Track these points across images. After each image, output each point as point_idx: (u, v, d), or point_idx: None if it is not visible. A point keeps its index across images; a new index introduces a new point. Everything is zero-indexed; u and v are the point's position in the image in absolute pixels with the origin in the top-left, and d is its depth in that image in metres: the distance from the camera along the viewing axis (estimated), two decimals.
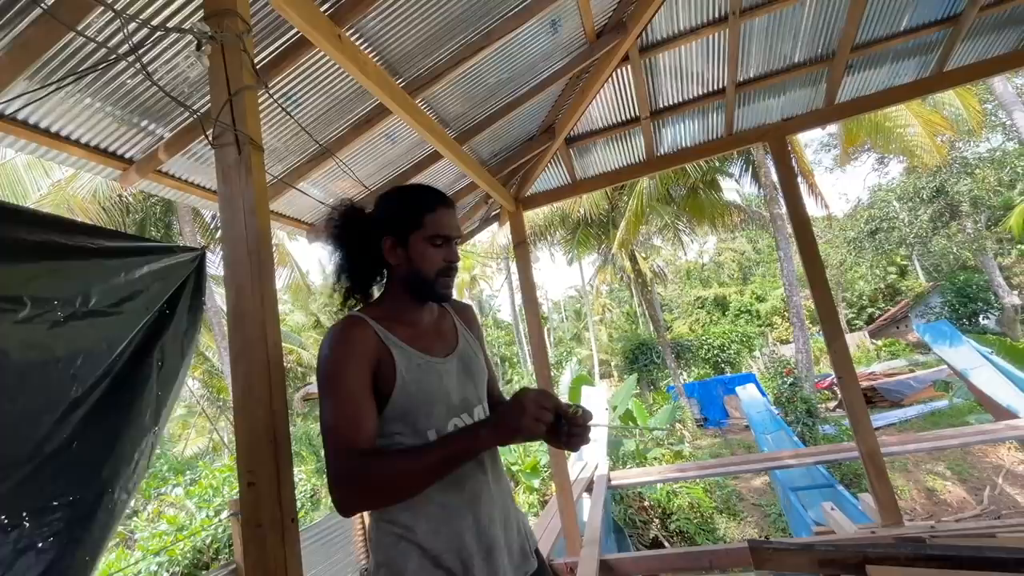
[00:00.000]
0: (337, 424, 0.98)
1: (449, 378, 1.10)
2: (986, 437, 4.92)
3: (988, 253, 17.49)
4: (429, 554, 0.98)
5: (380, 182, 3.02)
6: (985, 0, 2.92)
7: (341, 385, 1.00)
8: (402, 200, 1.16)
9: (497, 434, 0.92)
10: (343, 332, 1.05)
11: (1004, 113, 14.76)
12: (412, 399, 1.03)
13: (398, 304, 1.14)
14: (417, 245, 1.10)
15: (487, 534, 1.03)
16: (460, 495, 1.02)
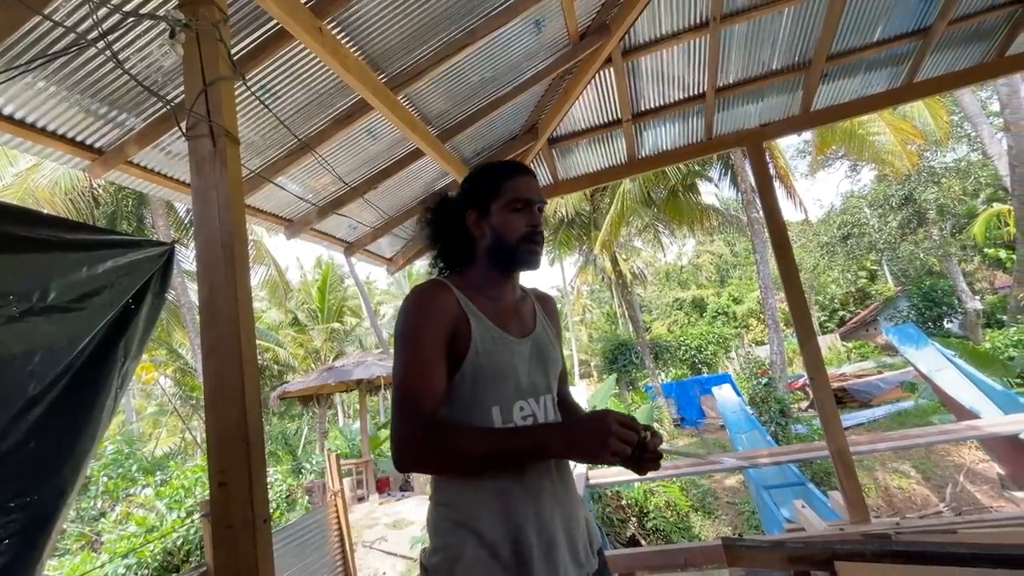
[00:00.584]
0: (408, 384, 0.97)
1: (521, 359, 1.09)
2: (949, 437, 5.09)
3: (953, 259, 18.14)
4: (486, 542, 0.96)
5: (361, 178, 2.99)
6: (953, 14, 3.02)
7: (417, 344, 1.00)
8: (480, 174, 1.18)
9: (569, 451, 0.90)
10: (426, 293, 1.05)
11: (970, 125, 15.33)
12: (482, 370, 1.02)
13: (483, 278, 1.14)
14: (498, 213, 1.11)
15: (547, 529, 1.01)
16: (521, 487, 1.00)
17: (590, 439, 0.87)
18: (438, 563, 0.98)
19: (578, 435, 0.89)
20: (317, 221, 3.13)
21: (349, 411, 21.17)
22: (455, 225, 1.16)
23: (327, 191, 3.04)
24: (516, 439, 0.95)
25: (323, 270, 15.36)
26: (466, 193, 1.17)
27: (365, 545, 6.13)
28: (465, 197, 1.17)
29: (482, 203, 1.13)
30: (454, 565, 0.96)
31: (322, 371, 9.39)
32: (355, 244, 3.66)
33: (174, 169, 2.30)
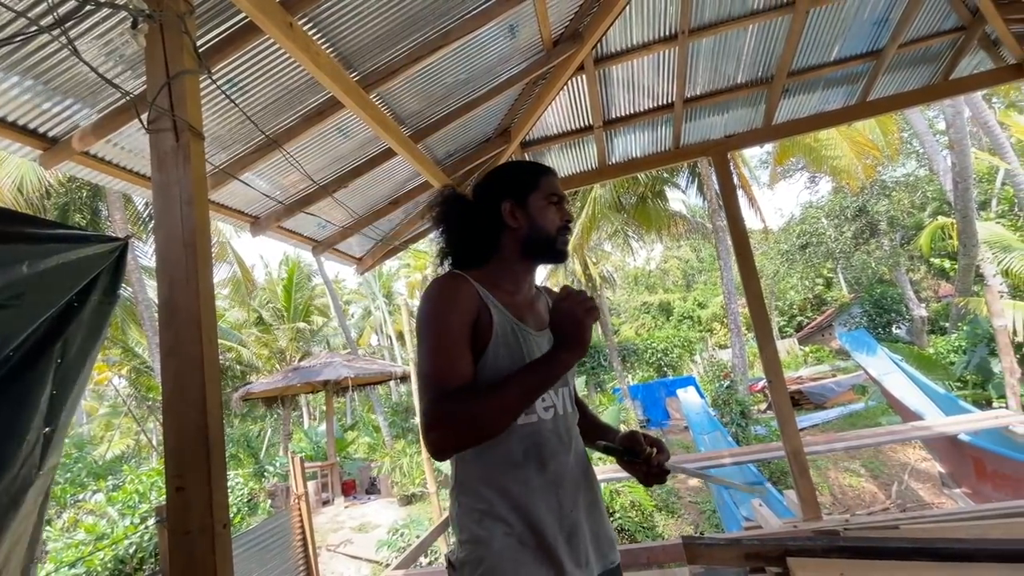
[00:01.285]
0: (433, 370, 0.96)
1: (540, 351, 1.08)
2: (895, 437, 5.37)
3: (901, 269, 19.11)
4: (514, 531, 0.97)
5: (331, 176, 2.94)
6: (903, 38, 3.21)
7: (440, 331, 0.99)
8: (516, 168, 1.22)
9: (574, 344, 0.93)
10: (449, 283, 1.05)
11: (918, 142, 16.22)
12: (502, 360, 1.02)
13: (502, 270, 1.15)
14: (537, 204, 1.14)
15: (569, 518, 1.03)
16: (543, 476, 1.01)
17: (574, 326, 0.92)
18: (468, 555, 0.98)
19: (567, 333, 0.93)
20: (285, 219, 3.07)
21: (315, 413, 20.69)
22: (482, 215, 1.16)
23: (295, 188, 2.98)
24: (532, 371, 0.94)
25: (289, 268, 14.98)
26: (501, 185, 1.17)
27: (330, 549, 6.01)
28: (500, 188, 1.16)
29: (520, 194, 1.14)
30: (484, 553, 0.96)
31: (287, 372, 9.16)
32: (323, 243, 3.60)
33: (133, 161, 2.21)
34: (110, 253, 1.81)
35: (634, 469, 1.06)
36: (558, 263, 1.20)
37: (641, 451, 1.02)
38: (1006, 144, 10.41)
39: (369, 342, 24.87)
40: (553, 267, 18.69)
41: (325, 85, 2.08)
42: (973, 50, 3.38)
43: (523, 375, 0.93)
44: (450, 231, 1.19)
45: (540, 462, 1.02)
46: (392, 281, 25.33)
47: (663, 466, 1.03)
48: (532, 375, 0.93)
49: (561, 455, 1.05)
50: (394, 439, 11.50)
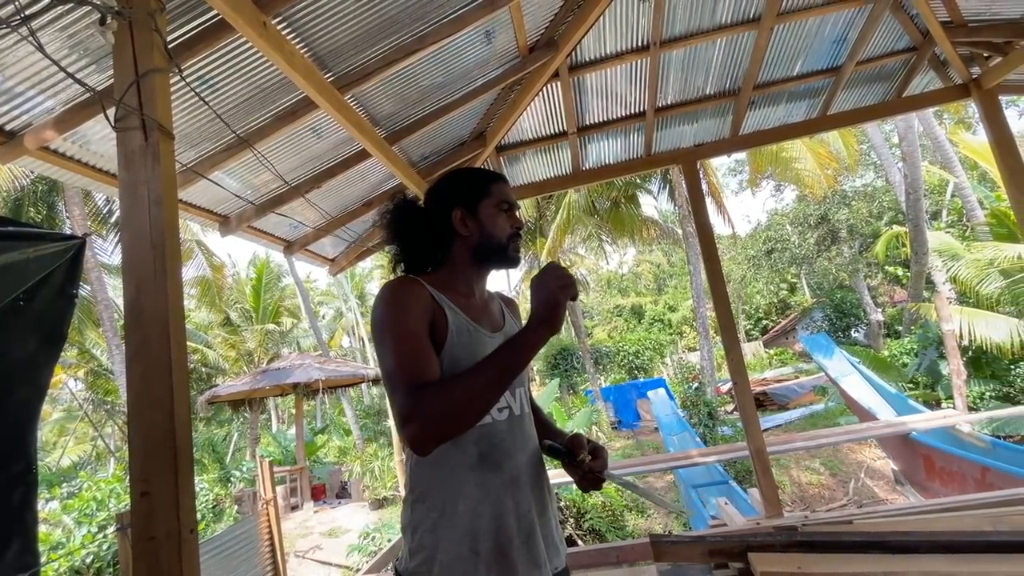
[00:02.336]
0: (401, 364, 0.95)
1: (487, 351, 1.06)
2: (853, 437, 5.61)
3: (860, 275, 19.95)
4: (467, 536, 0.96)
5: (303, 176, 2.90)
6: (860, 56, 3.37)
7: (401, 329, 0.98)
8: (467, 175, 1.21)
9: (544, 321, 0.91)
10: (402, 285, 1.05)
11: (875, 154, 16.97)
12: (458, 363, 1.01)
13: (455, 275, 1.15)
14: (487, 212, 1.14)
15: (527, 519, 1.02)
16: (499, 477, 1.01)
17: (547, 301, 0.90)
18: (417, 566, 0.97)
19: (542, 311, 0.91)
20: (256, 219, 3.01)
21: (284, 416, 20.18)
22: (433, 223, 1.16)
23: (267, 188, 2.94)
24: (507, 349, 0.94)
25: (258, 268, 14.60)
26: (451, 191, 1.17)
27: (298, 555, 5.88)
28: (450, 195, 1.16)
29: (470, 202, 1.14)
30: (431, 567, 0.95)
31: (256, 374, 8.93)
32: (295, 243, 3.55)
33: (95, 158, 2.14)
34: (65, 251, 1.75)
35: (572, 472, 1.08)
36: (510, 268, 1.21)
37: (577, 454, 1.05)
38: (954, 159, 11.01)
39: (341, 344, 24.44)
40: (528, 269, 18.78)
41: (299, 85, 2.06)
42: (924, 70, 3.58)
43: (496, 356, 0.93)
44: (401, 238, 1.19)
45: (496, 464, 1.01)
46: (365, 282, 24.96)
47: (597, 473, 1.05)
48: (505, 355, 0.92)
49: (517, 456, 1.05)
50: (365, 442, 11.33)
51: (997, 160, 3.54)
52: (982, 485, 4.59)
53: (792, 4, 3.00)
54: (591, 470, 1.05)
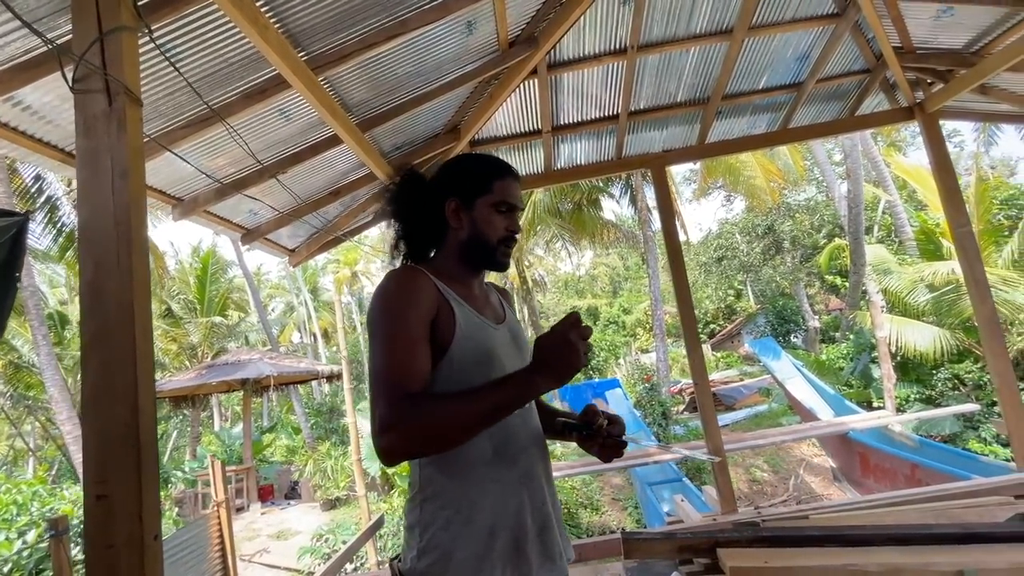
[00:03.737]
0: (389, 368, 0.90)
1: (500, 345, 1.06)
2: (798, 435, 5.92)
3: (800, 284, 21.15)
4: (484, 532, 0.93)
5: (268, 160, 2.75)
6: (820, 75, 3.55)
7: (397, 329, 0.93)
8: (472, 164, 1.13)
9: (552, 379, 0.84)
10: (406, 276, 0.99)
11: (818, 170, 18.03)
12: (469, 355, 0.98)
13: (451, 265, 1.09)
14: (483, 210, 1.08)
15: (541, 512, 1.01)
16: (515, 471, 0.99)
17: (563, 359, 0.82)
18: (429, 566, 0.93)
19: (551, 361, 0.83)
20: (212, 203, 2.82)
21: (227, 414, 19.18)
22: (426, 208, 1.10)
23: (225, 172, 2.76)
24: (502, 389, 0.87)
25: (203, 257, 13.79)
26: (450, 179, 1.11)
27: (244, 559, 5.57)
28: (448, 183, 1.10)
29: (467, 195, 1.08)
30: (447, 565, 0.92)
31: (202, 369, 8.42)
32: (254, 231, 3.36)
33: (36, 125, 1.94)
34: (5, 230, 1.58)
35: (590, 444, 1.05)
36: (495, 271, 1.15)
37: (594, 422, 1.03)
38: (888, 178, 11.86)
39: (290, 340, 23.51)
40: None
41: (272, 62, 1.94)
42: (875, 91, 3.81)
43: (493, 392, 0.87)
44: (399, 216, 1.13)
45: (512, 458, 1.00)
46: (318, 276, 24.15)
47: (617, 437, 1.02)
48: (503, 394, 0.86)
49: (530, 449, 1.04)
50: (316, 441, 10.92)
51: (936, 179, 3.82)
52: (911, 481, 4.95)
53: (763, 19, 3.11)
54: (610, 435, 1.02)
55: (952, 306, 7.86)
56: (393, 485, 7.87)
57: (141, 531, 0.97)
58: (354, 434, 4.89)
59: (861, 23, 3.26)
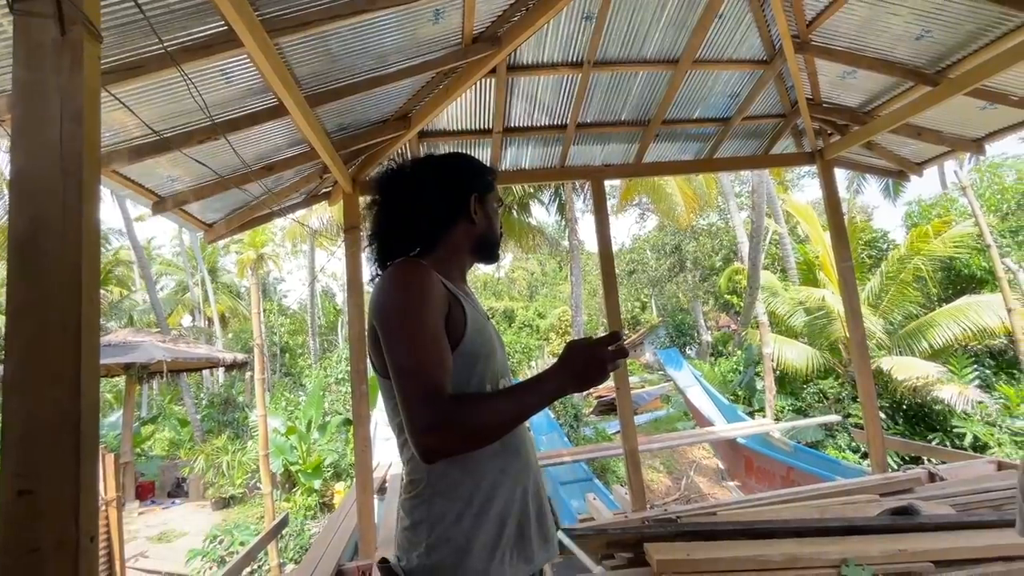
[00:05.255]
0: (422, 367, 0.89)
1: (494, 339, 1.09)
2: (695, 439, 6.44)
3: (698, 301, 23.10)
4: (495, 522, 0.96)
5: (201, 122, 2.48)
6: (745, 113, 3.92)
7: (423, 323, 0.93)
8: (480, 164, 1.21)
9: (580, 385, 0.90)
10: (418, 272, 0.98)
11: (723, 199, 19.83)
12: (479, 348, 1.00)
13: (450, 260, 1.12)
14: (491, 205, 1.17)
15: (537, 498, 1.05)
16: (518, 461, 1.02)
17: (592, 371, 0.89)
18: (440, 560, 0.93)
19: (579, 371, 0.90)
20: (123, 163, 2.49)
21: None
22: (447, 202, 1.11)
23: (143, 131, 2.45)
24: (534, 391, 0.91)
25: None
26: (471, 175, 1.16)
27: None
28: (469, 179, 1.14)
29: (484, 191, 1.15)
30: (462, 558, 0.92)
31: None
32: (168, 200, 3.01)
33: None
34: None
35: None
36: (491, 263, 1.24)
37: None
38: (780, 213, 13.36)
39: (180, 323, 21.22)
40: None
41: (223, 15, 1.76)
42: (786, 135, 4.28)
43: (526, 393, 0.92)
44: (406, 210, 1.11)
45: (515, 449, 1.03)
46: (219, 256, 22.07)
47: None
48: (535, 395, 0.91)
49: (527, 440, 1.08)
50: (206, 434, 9.96)
51: (828, 218, 4.37)
52: (787, 481, 5.60)
53: (706, 55, 3.37)
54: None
55: (823, 329, 9.01)
56: (296, 483, 7.41)
57: (77, 533, 0.85)
58: (263, 428, 4.54)
59: (784, 73, 3.64)
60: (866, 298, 8.68)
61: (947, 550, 2.00)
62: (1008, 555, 1.94)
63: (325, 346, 20.77)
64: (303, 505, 7.13)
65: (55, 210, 0.89)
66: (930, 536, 2.10)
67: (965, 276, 9.56)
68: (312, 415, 8.65)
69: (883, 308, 8.63)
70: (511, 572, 0.96)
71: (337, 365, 12.14)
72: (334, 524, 3.79)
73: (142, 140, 2.47)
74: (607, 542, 2.18)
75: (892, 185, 16.89)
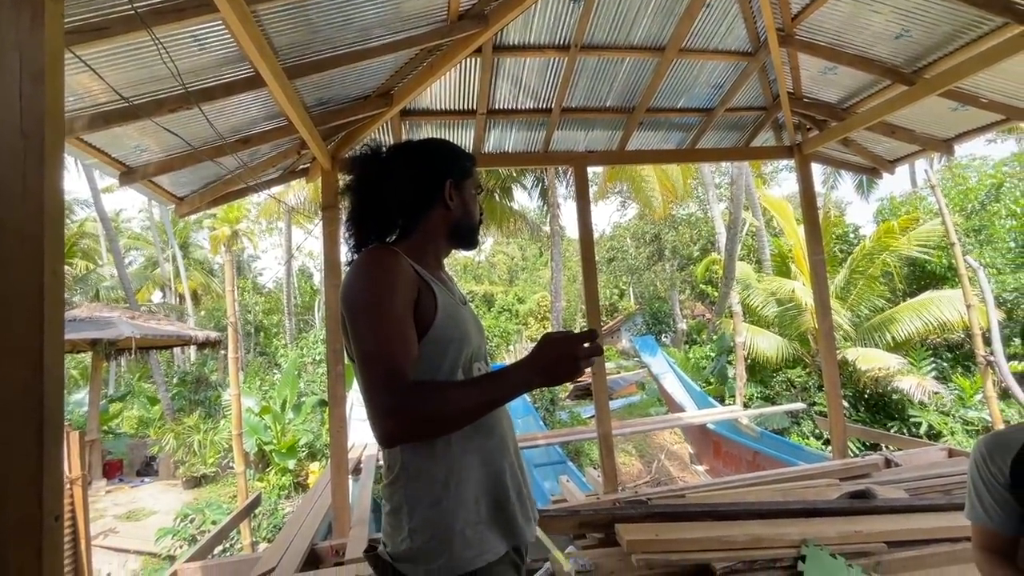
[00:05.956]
0: (386, 351, 0.90)
1: (469, 324, 1.09)
2: (667, 424, 6.61)
3: (675, 290, 23.48)
4: (472, 503, 0.97)
5: (173, 90, 2.38)
6: (728, 104, 3.95)
7: (388, 310, 0.93)
8: (456, 148, 1.20)
9: (550, 379, 0.89)
10: (386, 257, 0.99)
11: (702, 190, 20.05)
12: (448, 334, 1.00)
13: (425, 246, 1.11)
14: (469, 191, 1.17)
15: (516, 478, 1.06)
16: (492, 441, 1.03)
17: (563, 368, 0.88)
18: (424, 543, 0.93)
19: (550, 367, 0.89)
20: (91, 130, 2.38)
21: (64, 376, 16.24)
22: (422, 188, 1.11)
23: (109, 97, 2.34)
24: (500, 383, 0.91)
25: None
26: (446, 160, 1.15)
27: None
28: (444, 164, 1.14)
29: (460, 176, 1.14)
30: (447, 540, 0.93)
31: None
32: (137, 171, 2.90)
33: None
34: None
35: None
36: (469, 250, 1.24)
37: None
38: (758, 205, 13.58)
39: (150, 299, 20.58)
40: None
41: None
42: (767, 128, 4.33)
43: (492, 386, 0.92)
44: (379, 197, 1.11)
45: (489, 429, 1.03)
46: (191, 231, 21.39)
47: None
48: (500, 388, 0.91)
49: (502, 419, 1.08)
50: (177, 413, 9.76)
51: (803, 211, 4.46)
52: (753, 465, 5.80)
53: (692, 44, 3.37)
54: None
55: (793, 320, 9.27)
56: (270, 463, 7.35)
57: (40, 512, 0.83)
58: (236, 407, 4.47)
59: (768, 66, 3.67)
60: (835, 291, 8.94)
61: (898, 531, 2.11)
62: (954, 536, 2.06)
63: (301, 326, 20.47)
64: (277, 485, 7.09)
65: (14, 174, 0.85)
66: (884, 518, 2.22)
67: (928, 272, 9.92)
68: (287, 395, 8.56)
69: (851, 301, 8.92)
70: (494, 548, 0.97)
71: (314, 346, 12.00)
72: (308, 504, 3.79)
73: (110, 107, 2.37)
74: (580, 523, 2.23)
75: (866, 182, 17.32)
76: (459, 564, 0.93)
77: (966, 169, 13.19)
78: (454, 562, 0.93)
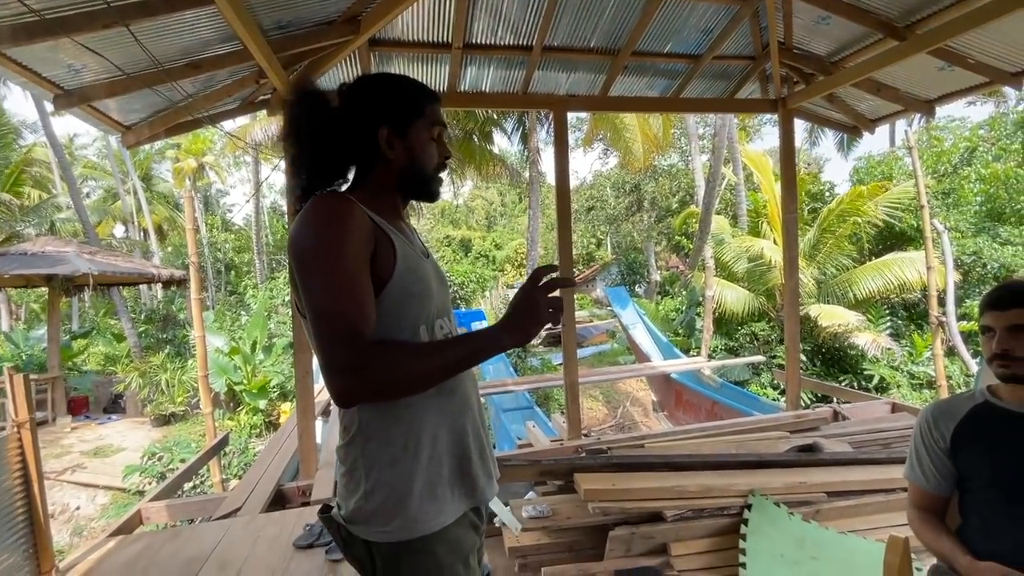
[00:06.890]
0: (340, 307, 0.83)
1: (432, 277, 1.02)
2: (635, 373, 6.82)
3: (651, 241, 23.63)
4: (432, 463, 0.94)
5: (99, 6, 2.12)
6: (717, 51, 3.78)
7: (340, 263, 0.85)
8: (399, 86, 1.04)
9: (520, 335, 0.86)
10: (339, 205, 0.90)
11: (685, 140, 19.76)
12: (408, 288, 0.94)
13: (379, 196, 1.01)
14: (419, 136, 1.02)
15: (479, 437, 1.03)
16: (453, 401, 0.99)
17: (532, 321, 0.86)
18: (379, 505, 0.91)
19: (517, 319, 0.86)
20: (12, 43, 2.12)
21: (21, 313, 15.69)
22: (353, 137, 0.99)
23: (41, 4, 2.07)
24: (469, 344, 0.88)
25: None
26: (379, 104, 1.00)
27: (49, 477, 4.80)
28: (378, 110, 0.99)
29: (400, 121, 1.00)
30: (401, 499, 0.91)
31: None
32: (76, 94, 2.64)
33: None
34: None
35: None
36: (429, 202, 1.12)
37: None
38: (739, 160, 13.49)
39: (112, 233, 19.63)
40: None
41: None
42: (753, 80, 4.20)
43: (459, 347, 0.88)
44: (313, 145, 0.99)
45: (451, 389, 0.99)
46: (153, 162, 20.15)
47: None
48: (469, 349, 0.87)
49: (465, 379, 1.04)
50: (145, 351, 9.57)
51: (781, 167, 4.43)
52: (711, 414, 6.08)
53: None
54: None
55: (762, 276, 9.48)
56: (240, 402, 7.37)
57: None
58: (201, 349, 4.37)
59: (761, 12, 3.50)
60: (804, 249, 9.12)
61: (838, 483, 2.25)
62: (889, 488, 2.21)
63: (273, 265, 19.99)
64: (248, 424, 7.14)
65: None
66: (827, 470, 2.35)
67: (896, 233, 10.16)
68: (256, 336, 8.46)
69: (819, 259, 9.12)
70: (452, 509, 0.95)
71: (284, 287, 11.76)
72: (275, 445, 3.82)
73: (32, 17, 2.10)
74: (541, 471, 2.31)
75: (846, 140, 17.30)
76: (415, 527, 0.91)
77: (943, 131, 13.27)
78: (409, 524, 0.91)
